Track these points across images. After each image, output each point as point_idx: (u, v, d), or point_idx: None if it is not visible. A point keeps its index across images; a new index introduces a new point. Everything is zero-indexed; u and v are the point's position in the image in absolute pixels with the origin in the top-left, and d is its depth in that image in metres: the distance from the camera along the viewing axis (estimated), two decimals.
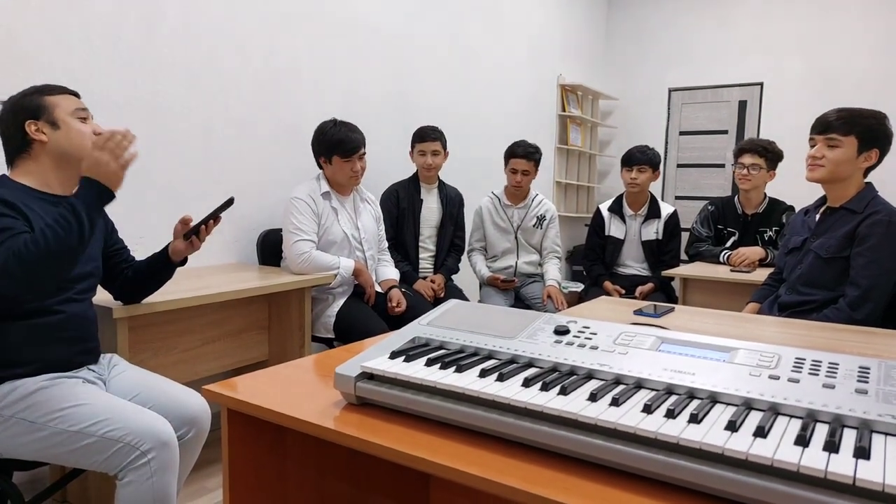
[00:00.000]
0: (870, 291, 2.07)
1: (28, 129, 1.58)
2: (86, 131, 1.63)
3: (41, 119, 1.59)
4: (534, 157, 3.48)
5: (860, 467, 0.65)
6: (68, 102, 1.63)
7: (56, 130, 1.60)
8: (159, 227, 2.57)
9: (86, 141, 1.61)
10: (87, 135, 1.62)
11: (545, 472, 0.78)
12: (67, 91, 1.66)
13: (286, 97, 3.11)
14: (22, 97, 1.61)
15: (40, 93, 1.61)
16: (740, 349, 0.96)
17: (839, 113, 2.12)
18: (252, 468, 1.08)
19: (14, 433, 1.48)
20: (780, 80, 5.27)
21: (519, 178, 3.49)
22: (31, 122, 1.58)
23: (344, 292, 2.79)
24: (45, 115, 1.59)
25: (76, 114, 1.63)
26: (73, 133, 1.61)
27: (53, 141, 1.59)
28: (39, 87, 1.63)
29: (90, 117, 1.67)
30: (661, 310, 1.92)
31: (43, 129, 1.59)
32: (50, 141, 1.59)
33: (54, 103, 1.61)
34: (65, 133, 1.60)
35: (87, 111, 1.67)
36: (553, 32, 5.29)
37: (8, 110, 1.61)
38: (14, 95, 1.62)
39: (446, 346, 1.09)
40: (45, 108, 1.59)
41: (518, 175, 3.48)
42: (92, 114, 1.69)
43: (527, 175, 3.49)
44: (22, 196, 1.54)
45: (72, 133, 1.61)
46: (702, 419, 0.77)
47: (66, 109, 1.62)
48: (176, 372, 2.22)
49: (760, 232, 3.44)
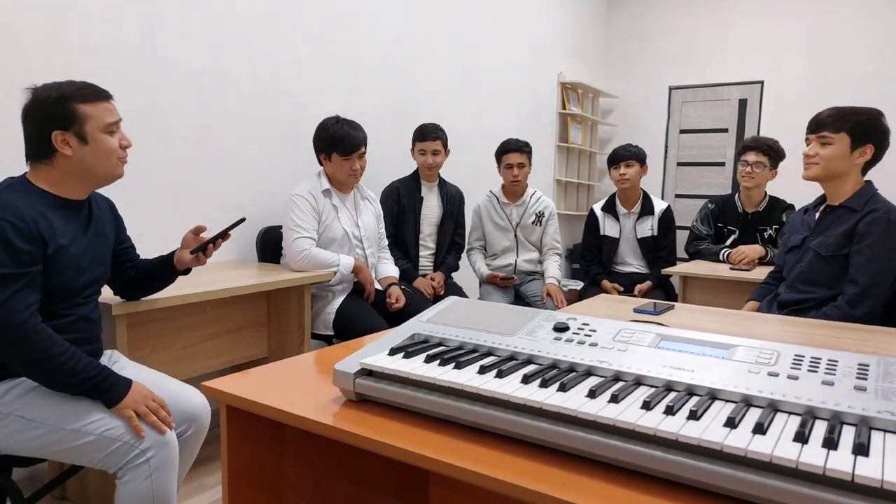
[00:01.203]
0: (869, 289, 2.07)
1: (54, 140, 1.49)
2: (114, 146, 1.57)
3: (70, 131, 1.50)
4: (525, 149, 3.49)
5: (859, 464, 0.65)
6: (102, 114, 1.54)
7: (84, 146, 1.52)
8: (159, 224, 2.57)
9: (112, 158, 1.57)
10: (114, 151, 1.57)
11: (544, 469, 0.78)
12: (102, 97, 1.56)
13: (286, 95, 3.10)
14: (56, 98, 1.49)
15: (74, 99, 1.50)
16: (739, 346, 0.96)
17: (831, 111, 2.15)
18: (251, 465, 1.08)
19: (12, 430, 1.48)
20: (781, 78, 5.27)
21: (515, 171, 3.48)
22: (58, 132, 1.49)
23: (343, 290, 2.78)
24: (75, 128, 1.50)
25: (108, 128, 1.55)
26: (101, 151, 1.55)
27: (78, 156, 1.52)
28: (74, 91, 1.52)
29: (120, 126, 1.60)
30: (660, 307, 1.92)
31: (70, 142, 1.50)
32: (75, 156, 1.52)
33: (87, 115, 1.51)
34: (92, 150, 1.53)
35: (118, 122, 1.59)
36: (553, 30, 5.28)
37: (36, 111, 1.51)
38: (47, 89, 1.51)
39: (446, 343, 1.09)
40: (77, 119, 1.50)
41: (514, 169, 3.48)
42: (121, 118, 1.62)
43: (522, 168, 3.49)
44: (39, 203, 1.50)
45: (100, 151, 1.54)
46: (701, 416, 0.77)
47: (98, 123, 1.53)
48: (175, 369, 2.22)
49: (760, 230, 3.44)
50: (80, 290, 1.59)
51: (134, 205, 2.49)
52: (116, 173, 1.62)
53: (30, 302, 1.43)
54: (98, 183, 1.62)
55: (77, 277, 1.56)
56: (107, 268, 1.72)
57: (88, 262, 1.61)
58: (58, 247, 1.50)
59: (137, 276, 1.85)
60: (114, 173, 1.61)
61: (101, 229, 1.69)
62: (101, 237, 1.69)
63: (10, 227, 1.41)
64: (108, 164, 1.58)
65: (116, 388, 1.50)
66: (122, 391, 1.50)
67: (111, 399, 1.48)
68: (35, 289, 1.45)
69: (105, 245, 1.71)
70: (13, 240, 1.41)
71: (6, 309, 1.39)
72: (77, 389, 1.48)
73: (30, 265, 1.44)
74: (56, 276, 1.51)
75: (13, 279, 1.40)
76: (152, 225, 2.55)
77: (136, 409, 1.49)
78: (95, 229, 1.66)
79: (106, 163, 1.57)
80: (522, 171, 3.50)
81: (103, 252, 1.69)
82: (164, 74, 2.58)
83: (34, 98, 1.52)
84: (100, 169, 1.57)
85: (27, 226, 1.44)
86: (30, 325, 1.41)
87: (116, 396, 1.49)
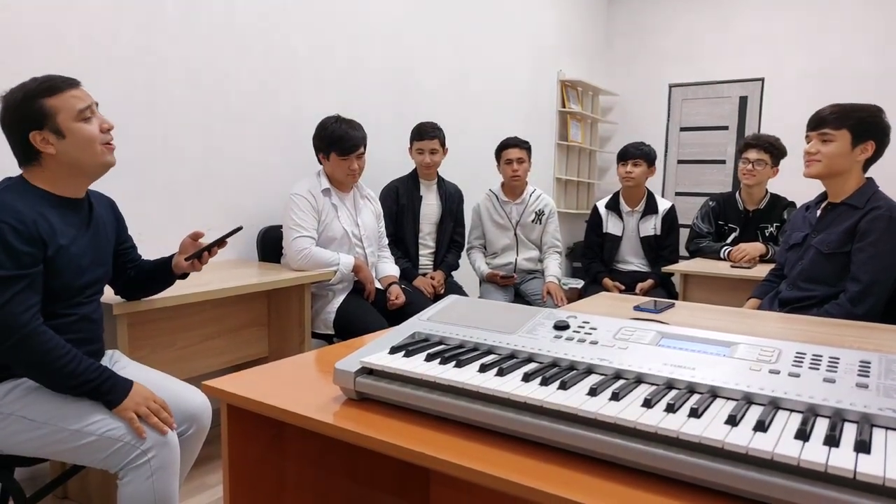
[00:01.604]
0: (870, 287, 2.07)
1: (34, 141, 1.49)
2: (93, 134, 1.54)
3: (45, 128, 1.49)
4: (524, 145, 3.49)
5: (861, 461, 0.65)
6: (70, 103, 1.51)
7: (62, 140, 1.50)
8: (158, 224, 2.57)
9: (95, 146, 1.54)
10: (95, 137, 1.54)
11: (545, 467, 0.78)
12: (66, 86, 1.52)
13: (285, 94, 3.10)
14: (23, 100, 1.48)
15: (38, 95, 1.49)
16: (741, 344, 0.96)
17: (832, 108, 2.15)
18: (252, 464, 1.08)
19: (14, 430, 1.48)
20: (781, 75, 5.26)
21: (515, 166, 3.48)
22: (35, 132, 1.48)
23: (344, 289, 2.78)
24: (48, 124, 1.49)
25: (80, 115, 1.52)
26: (81, 140, 1.52)
27: (62, 151, 1.51)
28: (37, 88, 1.49)
29: (95, 111, 1.56)
30: (661, 305, 1.92)
31: (49, 140, 1.49)
32: (58, 152, 1.51)
33: (56, 108, 1.49)
34: (71, 142, 1.51)
35: (91, 107, 1.55)
36: (553, 28, 5.27)
37: (9, 116, 1.50)
38: (14, 93, 1.50)
39: (446, 342, 1.09)
40: (46, 115, 1.48)
41: (514, 164, 3.48)
42: (96, 101, 1.58)
43: (522, 163, 3.49)
44: (38, 204, 1.50)
45: (79, 142, 1.52)
46: (702, 413, 0.77)
47: (69, 114, 1.50)
48: (175, 368, 2.22)
49: (761, 228, 3.44)
50: (81, 289, 1.59)
51: (133, 205, 2.49)
52: (104, 161, 1.57)
53: (31, 304, 1.42)
54: (90, 175, 1.59)
55: (78, 277, 1.56)
56: (108, 268, 1.72)
57: (89, 262, 1.61)
58: (58, 247, 1.50)
59: (137, 276, 1.85)
60: (101, 161, 1.57)
61: (102, 229, 1.69)
62: (102, 237, 1.68)
63: (9, 228, 1.41)
64: (92, 152, 1.54)
65: (116, 389, 1.49)
66: (123, 393, 1.49)
67: (112, 401, 1.48)
68: (36, 290, 1.45)
69: (106, 245, 1.70)
70: (13, 242, 1.41)
71: (6, 311, 1.39)
72: (78, 391, 1.47)
73: (30, 266, 1.43)
74: (57, 277, 1.50)
75: (13, 281, 1.40)
76: (152, 225, 2.55)
77: (138, 410, 1.49)
78: (96, 229, 1.66)
79: (90, 151, 1.54)
80: (522, 167, 3.49)
81: (104, 252, 1.69)
82: (163, 74, 2.57)
83: (4, 105, 1.51)
84: (86, 160, 1.54)
85: (27, 227, 1.44)
86: (31, 328, 1.41)
87: (117, 398, 1.49)
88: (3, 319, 1.38)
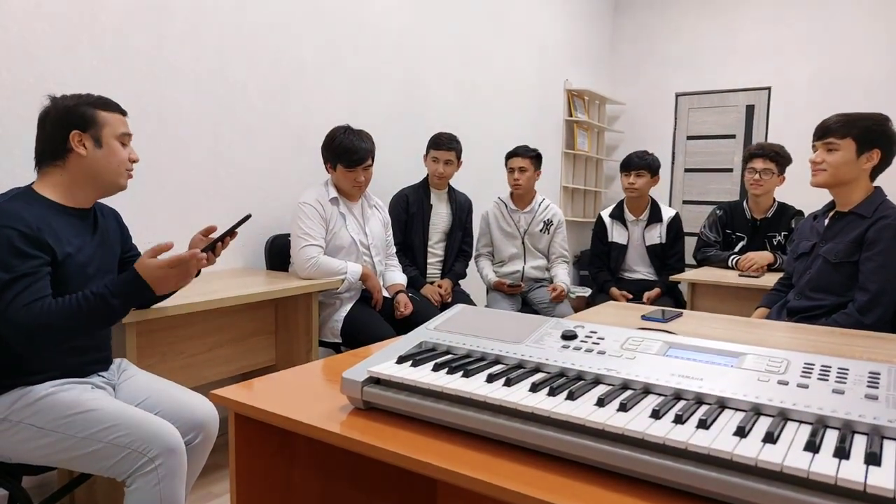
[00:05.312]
0: (879, 296, 2.06)
1: (71, 139, 1.57)
2: (123, 158, 1.66)
3: (87, 132, 1.59)
4: (530, 153, 3.49)
5: (871, 474, 0.65)
6: (118, 124, 1.64)
7: (98, 149, 1.60)
8: (168, 232, 2.58)
9: (120, 168, 1.65)
10: (123, 161, 1.66)
11: (553, 478, 0.77)
12: (120, 110, 1.67)
13: (294, 103, 3.12)
14: (76, 104, 1.59)
15: (95, 106, 1.61)
16: (749, 354, 0.96)
17: (837, 117, 2.15)
18: (259, 473, 1.08)
19: (22, 438, 1.49)
20: (788, 84, 5.25)
21: (517, 175, 3.48)
22: (77, 132, 1.58)
23: (351, 297, 2.79)
24: (92, 130, 1.59)
25: (121, 138, 1.65)
26: (113, 158, 1.63)
27: (91, 158, 1.60)
28: (95, 100, 1.63)
29: (129, 141, 1.69)
30: (668, 315, 1.91)
31: (85, 143, 1.59)
32: (88, 157, 1.59)
33: (106, 121, 1.61)
34: (105, 154, 1.61)
35: (130, 136, 1.69)
36: (560, 37, 5.29)
37: (57, 113, 1.59)
38: (66, 98, 1.61)
39: (453, 351, 1.09)
40: (96, 123, 1.60)
41: (515, 173, 3.49)
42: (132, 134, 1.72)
43: (524, 172, 3.48)
44: (44, 213, 1.53)
45: (111, 157, 1.63)
46: (710, 425, 0.77)
47: (113, 130, 1.63)
48: (183, 377, 2.23)
49: (769, 236, 3.43)
50: None
51: (143, 212, 2.51)
52: (121, 183, 1.68)
53: (41, 295, 1.45)
54: (103, 190, 1.67)
55: (84, 285, 1.57)
56: (114, 276, 1.73)
57: (95, 270, 1.63)
58: (65, 255, 1.53)
59: None
60: (119, 182, 1.67)
61: (107, 238, 1.71)
62: (108, 246, 1.71)
63: (17, 234, 1.44)
64: (116, 171, 1.65)
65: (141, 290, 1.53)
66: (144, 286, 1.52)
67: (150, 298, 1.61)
68: (45, 281, 1.48)
69: (111, 254, 1.72)
70: (21, 246, 1.45)
71: (15, 306, 1.41)
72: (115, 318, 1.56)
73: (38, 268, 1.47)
74: (63, 285, 1.52)
75: (22, 278, 1.43)
76: (161, 232, 2.56)
77: (168, 282, 1.55)
78: (101, 238, 1.68)
79: (115, 170, 1.65)
80: (524, 176, 3.49)
81: (110, 261, 1.71)
82: (173, 83, 2.60)
83: (54, 103, 1.61)
84: (107, 175, 1.63)
85: (34, 233, 1.47)
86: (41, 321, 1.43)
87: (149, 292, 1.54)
88: (16, 316, 1.41)
